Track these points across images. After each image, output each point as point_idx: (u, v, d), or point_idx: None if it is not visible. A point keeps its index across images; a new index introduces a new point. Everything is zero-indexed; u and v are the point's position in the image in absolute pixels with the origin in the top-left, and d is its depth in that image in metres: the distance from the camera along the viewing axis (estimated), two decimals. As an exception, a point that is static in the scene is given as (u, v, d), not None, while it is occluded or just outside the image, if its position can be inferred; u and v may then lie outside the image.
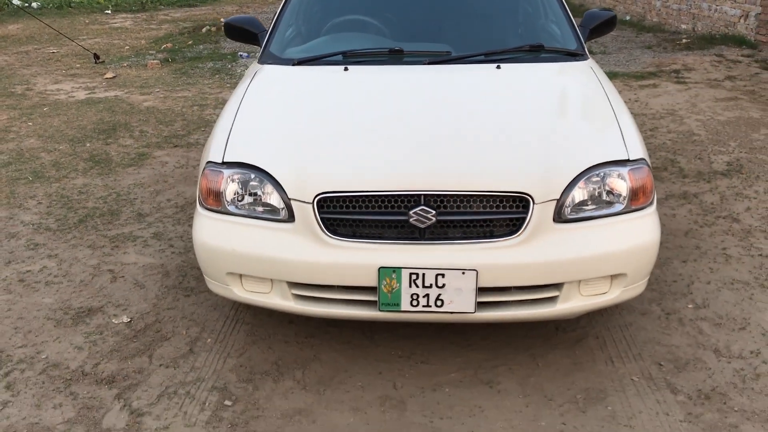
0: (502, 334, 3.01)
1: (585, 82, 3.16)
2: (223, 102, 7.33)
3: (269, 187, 2.57)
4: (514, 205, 2.46)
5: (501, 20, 3.75)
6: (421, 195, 2.45)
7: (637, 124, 2.90)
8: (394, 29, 3.68)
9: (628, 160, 2.60)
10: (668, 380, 2.72)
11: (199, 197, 2.72)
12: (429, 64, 3.28)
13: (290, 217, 2.53)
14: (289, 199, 2.52)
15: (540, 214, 2.46)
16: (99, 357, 2.92)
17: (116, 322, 3.17)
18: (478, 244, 2.46)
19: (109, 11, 16.46)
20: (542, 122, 2.79)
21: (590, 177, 2.54)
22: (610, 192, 2.58)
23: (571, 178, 2.51)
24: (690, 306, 3.21)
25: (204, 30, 11.88)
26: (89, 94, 7.85)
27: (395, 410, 2.58)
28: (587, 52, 3.51)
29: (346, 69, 3.24)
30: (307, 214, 2.49)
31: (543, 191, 2.47)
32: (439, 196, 2.45)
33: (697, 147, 5.42)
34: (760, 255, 3.67)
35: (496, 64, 3.23)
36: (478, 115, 2.81)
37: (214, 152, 2.72)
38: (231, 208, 2.62)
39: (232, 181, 2.62)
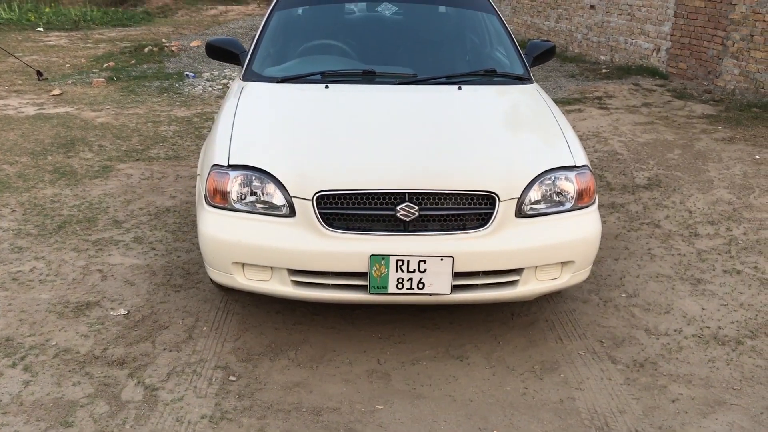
0: (466, 318, 3.45)
1: (534, 102, 3.67)
2: (176, 119, 7.59)
3: (271, 187, 2.94)
4: (484, 202, 2.92)
5: (457, 47, 4.25)
6: (405, 193, 2.87)
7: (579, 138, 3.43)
8: (363, 53, 4.11)
9: (574, 166, 3.11)
10: (609, 353, 3.21)
11: (205, 196, 3.05)
12: (399, 84, 3.73)
13: (291, 213, 2.91)
14: (291, 196, 2.90)
15: (504, 210, 2.93)
16: (106, 343, 3.19)
17: (114, 314, 3.45)
18: (454, 234, 2.90)
19: (41, 29, 16.31)
20: (502, 134, 3.30)
21: (544, 180, 3.03)
22: (560, 192, 3.07)
23: (529, 180, 2.99)
24: (623, 295, 3.74)
25: (146, 50, 12.03)
26: (39, 110, 7.94)
27: (382, 381, 2.97)
28: (532, 77, 4.03)
29: (326, 87, 3.65)
30: (307, 209, 2.87)
31: (506, 191, 2.94)
32: (421, 194, 2.88)
33: (620, 164, 6.06)
34: (679, 254, 4.25)
35: (457, 85, 3.71)
36: (449, 127, 3.28)
37: (219, 156, 3.07)
38: (237, 206, 2.97)
39: (237, 181, 2.98)
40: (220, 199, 3.00)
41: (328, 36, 4.17)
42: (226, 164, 3.02)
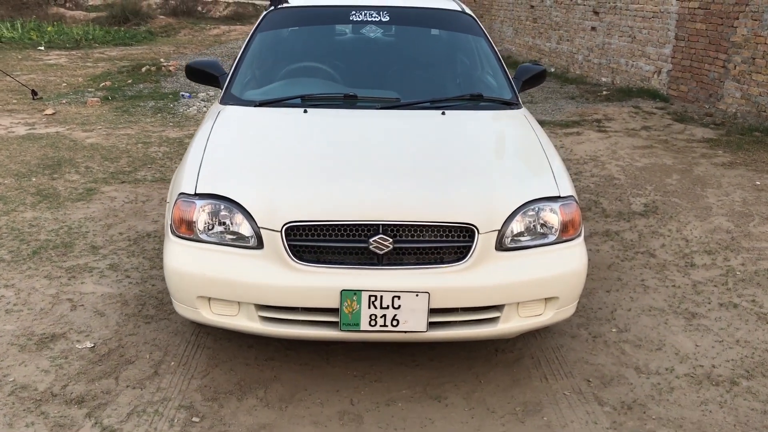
0: (447, 355, 3.28)
1: (520, 129, 3.53)
2: (168, 140, 7.48)
3: (239, 217, 2.80)
4: (462, 234, 2.77)
5: (443, 71, 4.12)
6: (379, 224, 2.73)
7: (565, 166, 3.28)
8: (346, 77, 3.99)
9: (559, 197, 2.96)
10: (596, 394, 3.04)
11: (170, 226, 2.91)
12: (381, 108, 3.59)
13: (259, 244, 2.77)
14: (259, 227, 2.76)
15: (484, 243, 2.78)
16: (66, 379, 3.04)
17: (80, 347, 3.30)
18: (430, 269, 2.75)
19: (42, 47, 16.33)
20: (484, 162, 3.15)
21: (526, 211, 2.88)
22: (543, 224, 2.92)
23: (511, 212, 2.84)
24: (613, 330, 3.58)
25: (144, 69, 11.98)
26: (30, 129, 7.85)
27: (353, 423, 2.81)
28: (521, 102, 3.90)
29: (305, 111, 3.52)
30: (275, 241, 2.73)
31: (486, 223, 2.79)
32: (396, 225, 2.73)
33: (617, 190, 5.91)
34: (674, 286, 4.08)
35: (441, 111, 3.58)
36: (428, 155, 3.14)
37: (186, 184, 2.93)
38: (203, 236, 2.83)
39: (204, 211, 2.84)
40: (185, 229, 2.86)
41: (310, 58, 4.05)
42: (193, 192, 2.89)
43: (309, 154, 3.12)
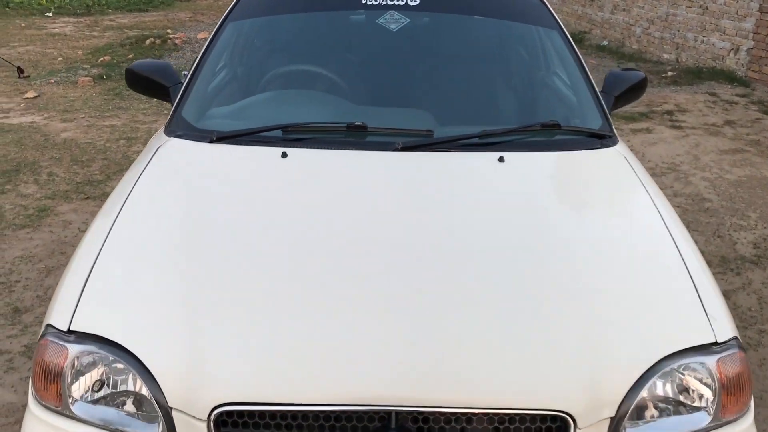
0: None
1: (627, 193, 2.19)
2: (157, 134, 6.30)
3: (138, 382, 1.56)
4: (545, 429, 1.50)
5: (498, 84, 2.77)
6: (392, 411, 1.47)
7: (710, 270, 1.94)
8: (353, 92, 2.67)
9: (714, 344, 1.65)
10: None
11: (31, 386, 1.69)
12: (402, 149, 2.28)
13: (172, 435, 1.53)
14: (170, 408, 1.52)
15: (584, 440, 1.51)
16: None
17: None
18: (484, 494, 1.49)
19: (51, 14, 15.22)
20: (579, 279, 1.78)
21: (660, 374, 1.59)
22: (686, 391, 1.63)
23: (633, 382, 1.56)
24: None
25: (148, 42, 10.75)
26: (1, 119, 6.72)
27: None
28: (616, 133, 2.58)
29: (284, 155, 2.22)
30: (199, 435, 1.49)
31: (590, 406, 1.50)
32: (421, 414, 1.47)
33: (712, 219, 4.56)
34: (832, 403, 2.78)
35: (497, 155, 2.25)
36: (480, 266, 1.77)
37: (57, 312, 1.68)
38: (76, 409, 1.59)
39: (82, 363, 1.60)
40: (50, 393, 1.62)
41: (300, 61, 2.74)
42: (66, 329, 1.64)
43: (276, 261, 1.79)
